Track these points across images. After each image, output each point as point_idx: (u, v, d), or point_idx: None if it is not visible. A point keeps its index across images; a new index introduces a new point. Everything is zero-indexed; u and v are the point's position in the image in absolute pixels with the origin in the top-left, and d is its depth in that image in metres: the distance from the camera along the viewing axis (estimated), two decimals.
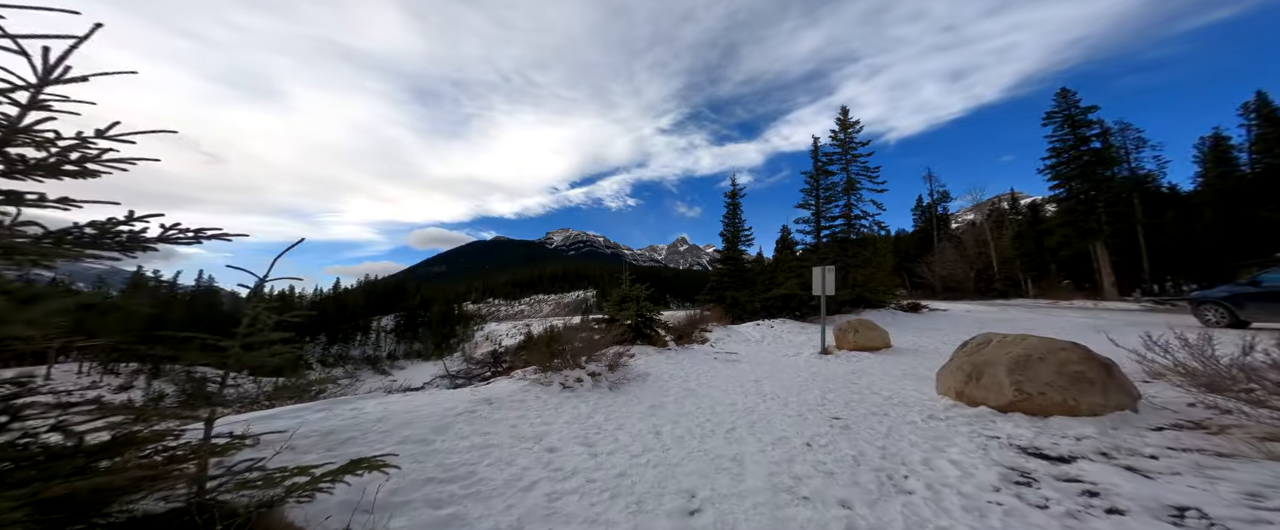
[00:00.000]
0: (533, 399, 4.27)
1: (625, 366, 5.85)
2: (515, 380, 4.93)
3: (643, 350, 7.39)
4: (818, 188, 16.55)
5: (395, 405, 3.48)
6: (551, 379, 4.81)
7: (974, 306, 18.86)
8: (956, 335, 9.18)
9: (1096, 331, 7.86)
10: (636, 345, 7.60)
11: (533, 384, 4.71)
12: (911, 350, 7.79)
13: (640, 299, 8.14)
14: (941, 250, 32.79)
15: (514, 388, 4.58)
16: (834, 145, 16.72)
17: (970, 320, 12.00)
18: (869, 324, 8.18)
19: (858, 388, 5.14)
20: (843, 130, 16.62)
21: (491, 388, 4.68)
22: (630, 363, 6.29)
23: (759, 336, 10.37)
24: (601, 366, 5.47)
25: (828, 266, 7.92)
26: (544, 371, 5.04)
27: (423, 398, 3.88)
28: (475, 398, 4.01)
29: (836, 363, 6.94)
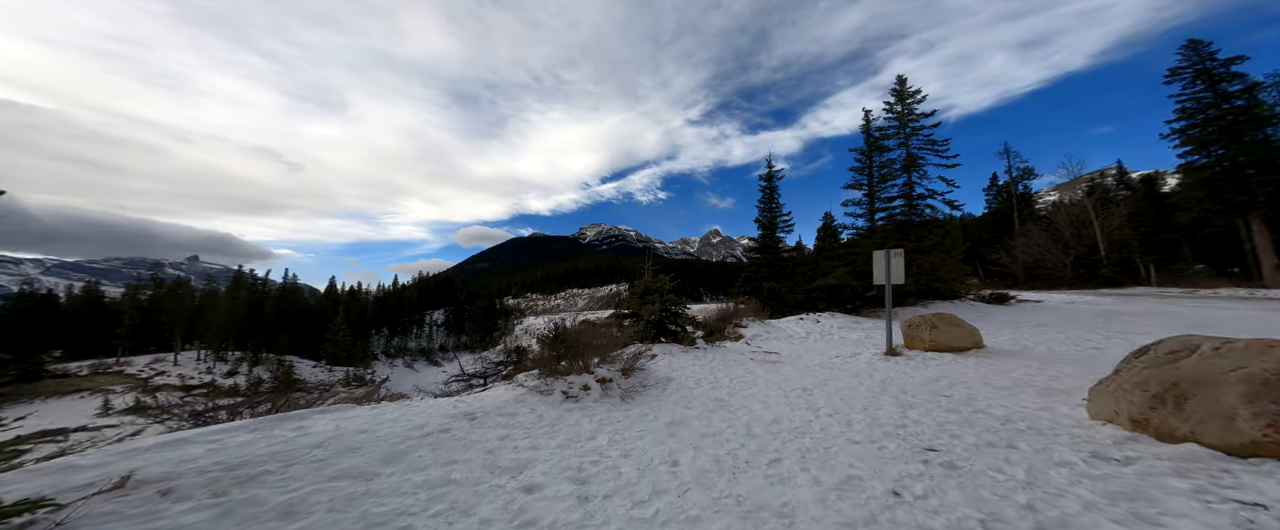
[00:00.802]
0: (526, 412, 3.56)
1: (642, 370, 4.99)
2: (512, 387, 4.27)
3: (667, 349, 6.49)
4: (871, 165, 14.35)
5: (352, 422, 2.93)
6: (552, 386, 4.08)
7: (1078, 297, 15.49)
8: (1075, 333, 7.16)
9: None
10: (660, 343, 6.72)
11: (530, 393, 4.01)
12: (1014, 353, 6.06)
13: (664, 291, 7.21)
14: (1025, 233, 27.90)
15: (506, 397, 3.91)
16: (890, 118, 14.38)
17: (1089, 314, 9.49)
18: (951, 319, 6.55)
19: (952, 403, 3.83)
20: (900, 101, 14.21)
21: (482, 397, 4.06)
22: (649, 365, 5.43)
23: (803, 333, 8.98)
24: (614, 370, 4.66)
25: (895, 250, 6.41)
26: (546, 377, 4.33)
27: (393, 411, 3.33)
28: (456, 411, 3.38)
29: (910, 367, 5.52)
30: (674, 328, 7.02)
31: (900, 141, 14.09)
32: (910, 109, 14.06)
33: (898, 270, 6.35)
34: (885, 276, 6.46)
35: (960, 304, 12.45)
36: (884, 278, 6.48)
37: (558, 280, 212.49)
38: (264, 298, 53.24)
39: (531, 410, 3.61)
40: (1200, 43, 19.29)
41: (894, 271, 6.37)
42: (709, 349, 6.95)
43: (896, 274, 6.35)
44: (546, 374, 4.36)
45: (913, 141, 13.95)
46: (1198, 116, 19.07)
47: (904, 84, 14.24)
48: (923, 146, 13.84)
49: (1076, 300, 14.09)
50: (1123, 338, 6.56)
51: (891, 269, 6.41)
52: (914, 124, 13.96)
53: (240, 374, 37.47)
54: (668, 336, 6.94)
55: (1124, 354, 3.28)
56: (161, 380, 32.68)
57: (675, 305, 7.22)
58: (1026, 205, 33.32)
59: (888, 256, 6.44)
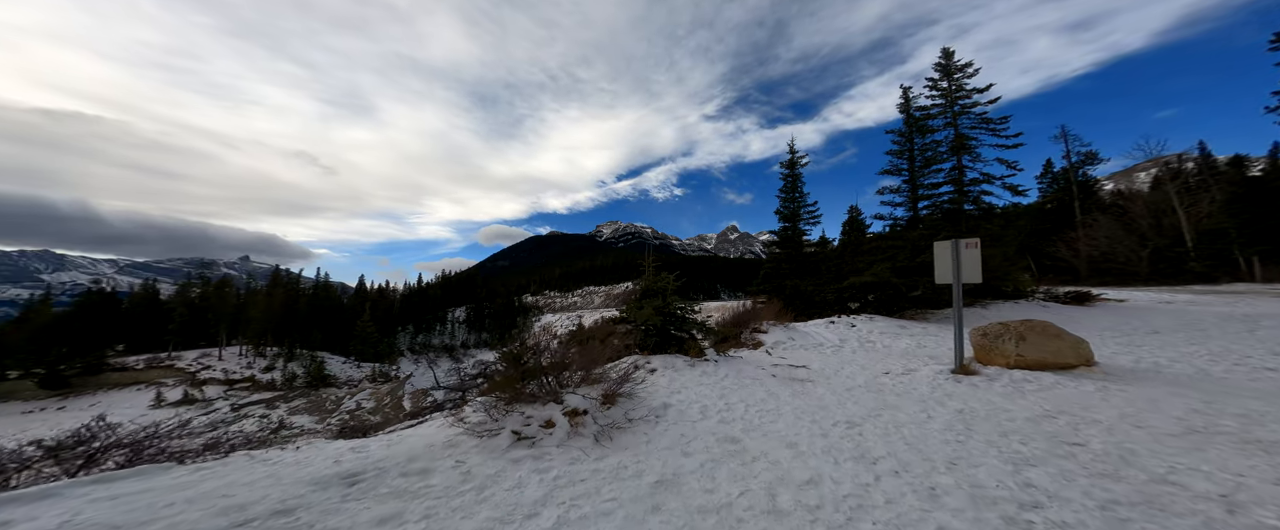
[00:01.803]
0: (447, 469, 2.47)
1: (631, 396, 3.84)
2: (449, 423, 3.18)
3: (669, 362, 5.30)
4: (911, 149, 12.49)
5: (109, 510, 1.83)
6: (501, 423, 2.98)
7: (1170, 295, 12.94)
8: (1216, 345, 5.35)
9: None
10: (662, 355, 5.54)
11: (468, 433, 2.92)
12: (1145, 374, 4.44)
13: (667, 292, 6.01)
14: (1090, 223, 24.56)
15: (433, 440, 2.85)
16: (934, 97, 12.44)
17: (1215, 319, 7.27)
18: (1046, 326, 4.97)
19: (1097, 460, 2.47)
20: (946, 76, 12.24)
21: (396, 442, 2.99)
22: (644, 386, 4.27)
23: (836, 340, 7.53)
24: (594, 396, 3.54)
25: (968, 240, 4.91)
26: (503, 405, 3.25)
27: (241, 472, 2.31)
28: (333, 472, 2.30)
29: (996, 393, 4.08)
30: (679, 335, 5.82)
31: (947, 121, 12.14)
32: (959, 85, 12.08)
33: (972, 266, 4.86)
34: (952, 274, 4.97)
35: (1028, 304, 10.48)
36: (951, 275, 4.99)
37: (575, 278, 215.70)
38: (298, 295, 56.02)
39: (457, 464, 2.52)
40: None
41: (966, 267, 4.88)
42: (721, 361, 5.70)
43: (970, 270, 4.86)
44: (502, 402, 3.28)
45: (962, 121, 11.97)
46: None
47: (951, 57, 12.26)
48: (975, 126, 11.85)
49: (1173, 299, 11.68)
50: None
51: (962, 264, 4.92)
52: (964, 101, 11.97)
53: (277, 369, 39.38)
54: (674, 346, 5.75)
55: None
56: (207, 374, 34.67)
57: (680, 308, 6.00)
58: (1088, 194, 29.53)
59: (957, 249, 4.95)
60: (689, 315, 6.19)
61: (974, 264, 4.84)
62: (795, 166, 14.94)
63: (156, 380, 32.20)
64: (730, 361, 5.82)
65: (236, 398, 30.16)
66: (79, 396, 29.97)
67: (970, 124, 11.87)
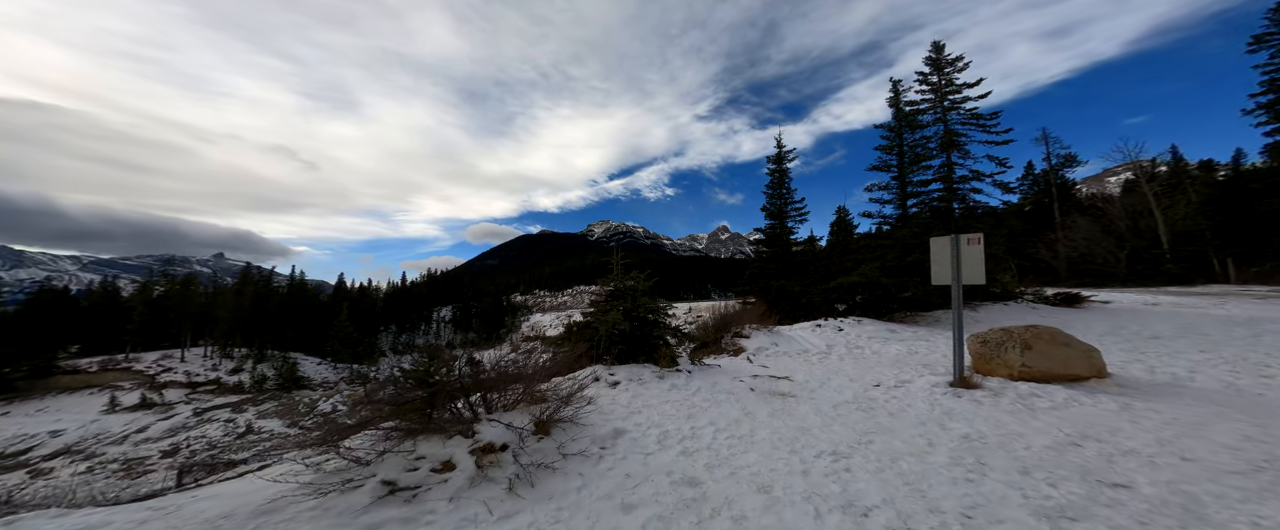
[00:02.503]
0: None
1: (574, 422, 3.11)
2: (296, 466, 2.34)
3: (636, 374, 4.59)
4: (900, 144, 12.08)
5: None
6: (371, 470, 2.20)
7: (1150, 296, 12.89)
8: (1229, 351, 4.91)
9: None
10: (627, 365, 4.83)
11: (309, 490, 2.08)
12: (1165, 388, 3.93)
13: (637, 293, 5.30)
14: (1070, 225, 24.93)
15: (254, 500, 2.03)
16: (924, 92, 12.05)
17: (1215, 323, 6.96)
18: (1053, 333, 4.43)
19: (1165, 518, 1.85)
20: (937, 71, 11.86)
21: (211, 497, 2.13)
22: (592, 408, 3.55)
23: (823, 346, 6.95)
24: (527, 421, 2.80)
25: (970, 235, 4.33)
26: (397, 439, 2.47)
27: None
28: None
29: (1004, 411, 3.49)
30: (653, 340, 5.10)
31: (937, 116, 11.76)
32: (949, 80, 11.70)
33: (974, 265, 4.28)
34: (951, 273, 4.39)
35: (1017, 306, 10.15)
36: (950, 275, 4.42)
37: (565, 277, 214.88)
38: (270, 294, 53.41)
39: None
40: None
41: (968, 266, 4.30)
42: (695, 371, 5.02)
43: (972, 270, 4.28)
44: (398, 435, 2.50)
45: (952, 116, 11.60)
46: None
47: (942, 51, 11.88)
48: (965, 121, 11.48)
49: (1157, 300, 11.55)
50: None
51: (963, 262, 4.34)
52: (953, 96, 11.60)
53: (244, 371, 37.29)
54: (641, 355, 5.04)
55: None
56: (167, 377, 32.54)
57: (652, 312, 5.30)
58: (1067, 196, 30.11)
59: (956, 245, 4.37)
60: (662, 319, 5.50)
61: (976, 263, 4.27)
62: (783, 162, 14.41)
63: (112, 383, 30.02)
64: (706, 372, 5.14)
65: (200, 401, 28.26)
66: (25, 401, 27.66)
67: (960, 120, 11.51)
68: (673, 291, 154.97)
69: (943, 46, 11.86)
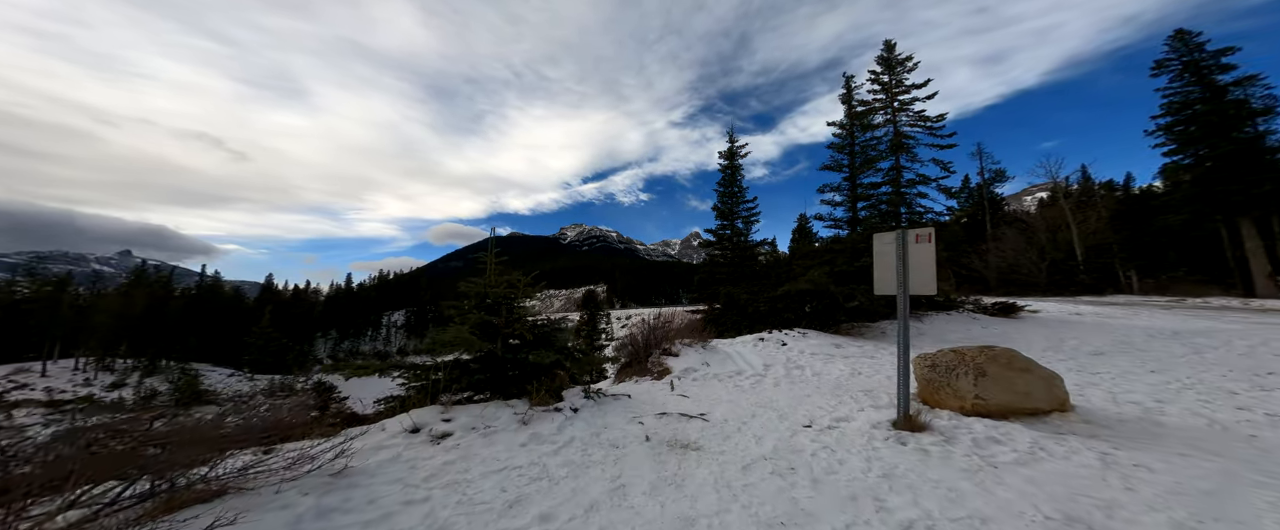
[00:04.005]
0: None
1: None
2: None
3: (483, 419, 3.22)
4: (851, 142, 11.74)
5: None
6: None
7: (1072, 306, 13.56)
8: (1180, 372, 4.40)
9: None
10: (485, 404, 3.44)
11: None
12: (1132, 423, 3.18)
13: (513, 301, 3.93)
14: (1000, 237, 26.86)
15: None
16: (876, 92, 11.84)
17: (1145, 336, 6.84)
18: (1010, 356, 3.65)
19: None
20: (888, 70, 11.69)
21: None
22: (347, 485, 2.14)
23: (760, 365, 5.95)
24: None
25: (919, 231, 3.42)
26: None
27: None
28: None
29: (960, 472, 2.52)
30: (534, 363, 3.70)
31: (887, 117, 11.56)
32: (899, 80, 11.55)
33: (924, 269, 3.37)
34: (897, 279, 3.47)
35: (959, 315, 9.95)
36: (894, 282, 3.49)
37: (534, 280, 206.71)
38: (168, 296, 46.01)
39: None
40: (1188, 34, 18.24)
41: (917, 272, 3.39)
42: (584, 408, 3.74)
43: (922, 276, 3.36)
44: None
45: (901, 118, 11.44)
46: (1187, 112, 17.91)
47: (893, 50, 11.73)
48: (913, 123, 11.34)
49: (1079, 310, 12.04)
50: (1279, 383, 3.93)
51: (910, 266, 3.42)
52: (903, 97, 11.45)
53: (128, 385, 31.24)
54: (512, 386, 3.66)
55: None
56: (20, 394, 26.12)
57: (534, 327, 3.94)
58: (996, 209, 32.77)
59: (903, 244, 3.45)
60: (557, 336, 4.17)
61: (926, 267, 3.36)
62: (735, 157, 13.69)
63: None
64: (600, 409, 3.87)
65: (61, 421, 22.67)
66: None
67: (908, 121, 11.34)
68: (645, 296, 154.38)
69: (894, 45, 11.70)
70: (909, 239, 3.43)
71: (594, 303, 22.04)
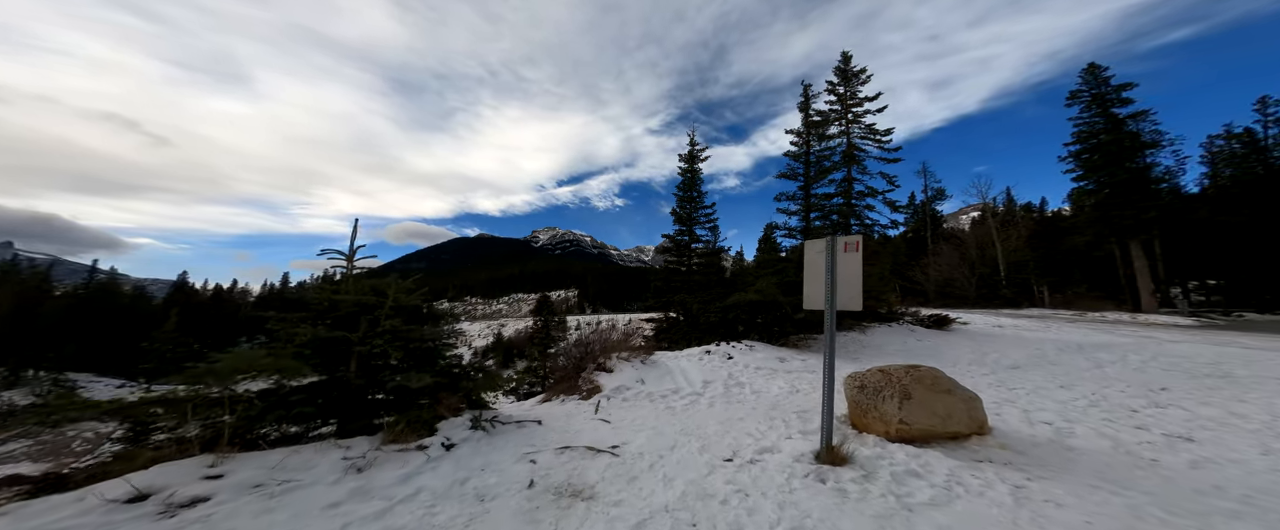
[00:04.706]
0: None
1: None
2: None
3: (285, 470, 2.46)
4: (807, 150, 11.97)
5: None
6: None
7: (995, 318, 14.74)
8: (1087, 387, 4.53)
9: None
10: (289, 448, 2.68)
11: None
12: (1046, 449, 3.06)
13: (382, 311, 3.19)
14: (938, 252, 29.27)
15: None
16: (831, 100, 12.22)
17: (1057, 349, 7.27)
18: (933, 376, 3.50)
19: None
20: (844, 81, 12.12)
21: None
22: None
23: (700, 382, 5.58)
24: None
25: (848, 239, 3.16)
26: None
27: None
28: None
29: (870, 519, 2.21)
30: (394, 385, 2.97)
31: (842, 128, 11.93)
32: (854, 92, 11.98)
33: (851, 281, 3.10)
34: (825, 293, 3.18)
35: (898, 327, 10.32)
36: (822, 296, 3.21)
37: (503, 284, 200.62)
38: (41, 297, 38.64)
39: None
40: (1098, 67, 20.76)
41: (844, 284, 3.12)
42: (467, 442, 3.08)
43: (848, 290, 3.10)
44: None
45: (853, 129, 11.86)
46: (1093, 141, 20.35)
47: (849, 62, 12.15)
48: (864, 135, 11.78)
49: (1001, 322, 13.04)
50: (1175, 402, 4.12)
51: (839, 278, 3.15)
52: (856, 109, 11.88)
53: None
54: (359, 420, 2.91)
55: None
56: None
57: (405, 341, 3.22)
58: (937, 226, 35.82)
59: (832, 251, 3.17)
60: (440, 353, 3.47)
61: (853, 279, 3.09)
62: (695, 161, 13.52)
63: None
64: (490, 441, 3.23)
65: None
66: None
67: (860, 133, 11.75)
68: (617, 301, 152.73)
69: (850, 57, 12.12)
70: (838, 247, 3.16)
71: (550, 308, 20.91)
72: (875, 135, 11.60)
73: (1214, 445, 3.08)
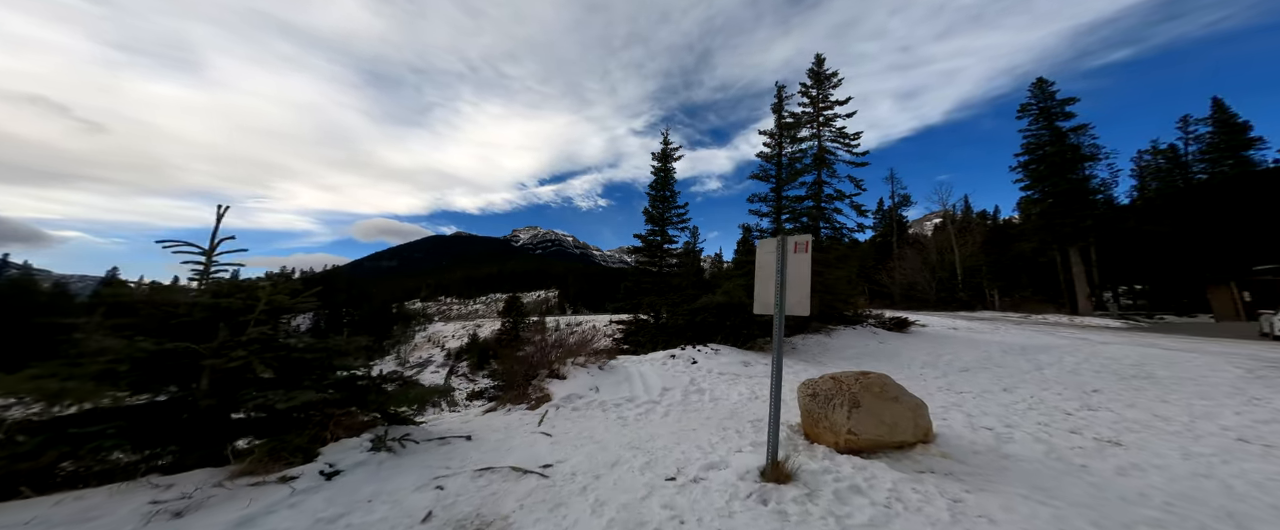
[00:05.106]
0: None
1: None
2: None
3: (98, 511, 2.01)
4: (779, 153, 12.05)
5: None
6: None
7: (951, 321, 15.52)
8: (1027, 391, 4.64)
9: None
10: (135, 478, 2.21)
11: None
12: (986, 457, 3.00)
13: (253, 318, 2.70)
14: (903, 257, 30.73)
15: None
16: (804, 102, 12.37)
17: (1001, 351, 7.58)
18: (882, 383, 3.42)
19: None
20: (817, 84, 12.28)
21: None
22: None
23: (658, 391, 5.33)
24: None
25: (798, 238, 3.02)
26: None
27: None
28: None
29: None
30: (265, 404, 2.52)
31: (814, 131, 12.09)
32: (825, 95, 12.18)
33: (800, 284, 2.96)
34: (775, 297, 3.03)
35: (862, 330, 10.56)
36: (772, 299, 3.05)
37: (480, 284, 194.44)
38: None
39: None
40: (1046, 82, 22.34)
41: (793, 286, 2.97)
42: (361, 467, 2.65)
43: (797, 293, 2.95)
44: None
45: (825, 132, 12.05)
46: (1039, 152, 21.88)
47: (822, 64, 12.32)
48: (834, 139, 12.00)
49: (956, 325, 13.70)
50: (1104, 404, 4.29)
51: (788, 279, 3.00)
52: (827, 112, 12.07)
53: None
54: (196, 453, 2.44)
55: None
56: None
57: (268, 354, 2.75)
58: (902, 231, 37.68)
59: (783, 251, 3.01)
60: (336, 363, 3.03)
61: (802, 282, 2.93)
62: (668, 159, 13.32)
63: None
64: (395, 464, 2.82)
65: None
66: None
67: (831, 136, 11.94)
68: (599, 302, 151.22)
69: (823, 60, 12.28)
70: (789, 247, 3.01)
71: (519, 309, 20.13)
72: (845, 139, 11.84)
73: (1139, 449, 3.16)
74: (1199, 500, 2.42)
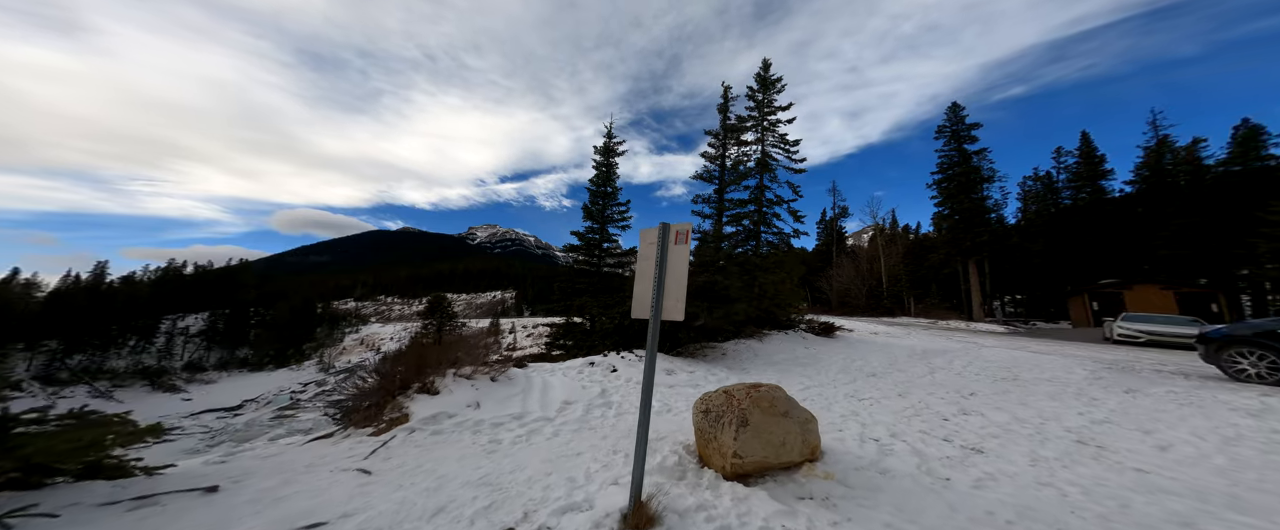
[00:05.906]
0: None
1: None
2: None
3: None
4: (723, 152, 12.05)
5: None
6: None
7: (874, 326, 16.83)
8: (917, 397, 4.72)
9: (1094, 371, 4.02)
10: None
11: None
12: (866, 474, 2.76)
13: None
14: (840, 265, 33.32)
15: None
16: (750, 107, 12.54)
17: (907, 355, 8.06)
18: (773, 397, 3.09)
19: None
20: (762, 88, 12.50)
21: None
22: None
23: (556, 404, 4.66)
24: None
25: (680, 229, 2.55)
26: None
27: None
28: None
29: None
30: None
31: (758, 136, 12.29)
32: (770, 100, 12.45)
33: (677, 283, 2.49)
34: (652, 300, 2.53)
35: (793, 335, 10.81)
36: (650, 304, 2.55)
37: (428, 282, 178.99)
38: None
39: None
40: (959, 107, 25.57)
41: (671, 283, 2.48)
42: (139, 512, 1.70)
43: (673, 294, 2.48)
44: None
45: (768, 137, 12.31)
46: (949, 172, 24.96)
47: (768, 69, 12.56)
48: (776, 144, 12.29)
49: (877, 330, 14.79)
50: (977, 408, 4.44)
51: (667, 276, 2.52)
52: (771, 117, 12.34)
53: None
54: None
55: None
56: None
57: None
58: (841, 241, 41.08)
59: (664, 243, 2.53)
60: None
61: (680, 278, 2.46)
62: (611, 153, 12.78)
63: None
64: None
65: None
66: None
67: (773, 142, 12.19)
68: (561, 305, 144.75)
69: (770, 64, 12.51)
70: (670, 238, 2.53)
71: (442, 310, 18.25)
72: (785, 145, 12.18)
73: (996, 457, 3.15)
74: (1037, 514, 2.32)
